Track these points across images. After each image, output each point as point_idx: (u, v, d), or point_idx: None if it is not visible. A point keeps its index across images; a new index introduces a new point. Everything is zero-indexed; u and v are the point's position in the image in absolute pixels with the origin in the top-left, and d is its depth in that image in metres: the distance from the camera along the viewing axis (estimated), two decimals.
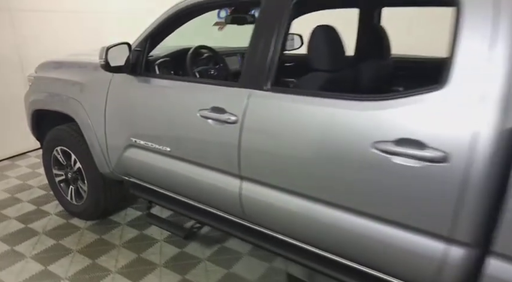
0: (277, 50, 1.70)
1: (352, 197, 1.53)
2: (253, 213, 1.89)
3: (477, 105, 1.24)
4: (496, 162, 1.22)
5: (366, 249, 1.55)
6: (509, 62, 1.22)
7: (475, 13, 1.26)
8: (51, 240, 2.71)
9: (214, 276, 2.35)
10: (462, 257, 1.34)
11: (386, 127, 1.40)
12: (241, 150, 1.79)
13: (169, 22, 2.12)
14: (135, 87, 2.21)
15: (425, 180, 1.34)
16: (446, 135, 1.28)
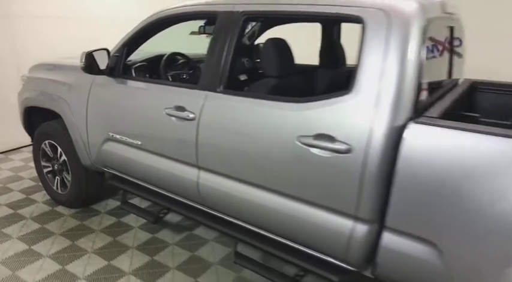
0: (229, 58, 2.00)
1: (283, 182, 1.82)
2: (207, 199, 2.18)
3: (374, 107, 1.54)
4: (387, 154, 1.52)
5: (293, 226, 1.84)
6: (398, 73, 1.52)
7: (373, 32, 1.57)
8: (36, 224, 2.99)
9: (180, 258, 2.63)
10: (365, 231, 1.63)
11: (308, 124, 1.69)
12: (198, 144, 2.08)
13: (144, 31, 2.43)
14: (113, 88, 2.51)
15: (335, 168, 1.63)
16: (350, 131, 1.58)
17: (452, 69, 2.25)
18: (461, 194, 1.36)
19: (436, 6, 1.83)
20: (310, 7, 1.78)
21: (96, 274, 2.44)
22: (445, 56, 2.13)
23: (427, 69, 1.63)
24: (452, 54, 2.22)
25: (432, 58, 1.82)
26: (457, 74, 2.56)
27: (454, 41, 2.23)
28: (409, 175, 1.47)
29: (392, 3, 1.59)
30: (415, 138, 1.46)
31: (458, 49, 2.49)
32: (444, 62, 2.13)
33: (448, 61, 2.21)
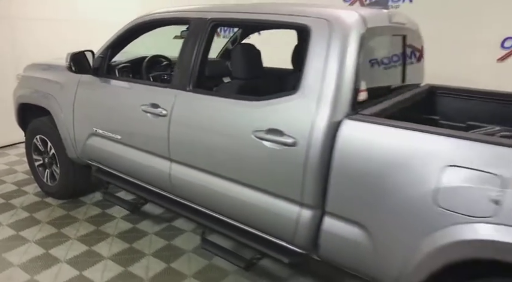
0: (198, 60, 2.21)
1: (241, 173, 2.02)
2: (178, 188, 2.38)
3: (316, 105, 1.74)
4: (326, 146, 1.71)
5: (250, 212, 2.04)
6: (337, 76, 1.72)
7: (317, 39, 1.77)
8: (25, 213, 3.20)
9: (156, 246, 2.82)
10: (309, 216, 1.82)
11: (261, 120, 1.90)
12: (170, 138, 2.29)
13: (127, 35, 2.65)
14: (97, 86, 2.73)
15: (283, 159, 1.83)
16: (296, 126, 1.78)
17: (405, 74, 2.45)
18: (384, 181, 1.55)
19: (381, 17, 2.03)
20: (265, 16, 1.99)
21: (77, 258, 2.64)
22: (396, 62, 2.33)
23: (367, 73, 1.83)
24: (405, 61, 2.42)
25: (377, 63, 2.02)
26: (415, 79, 2.77)
27: (407, 48, 2.42)
28: (343, 165, 1.67)
29: (335, 14, 1.79)
30: (348, 132, 1.66)
31: (415, 56, 2.69)
32: (395, 67, 2.32)
33: (401, 67, 2.41)
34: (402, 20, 2.28)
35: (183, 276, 2.49)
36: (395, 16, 2.17)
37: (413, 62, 2.67)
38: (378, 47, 2.09)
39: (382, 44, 2.12)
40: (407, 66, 2.48)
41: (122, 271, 2.52)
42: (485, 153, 1.37)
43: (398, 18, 2.21)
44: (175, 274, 2.51)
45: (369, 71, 1.89)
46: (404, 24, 2.34)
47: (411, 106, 2.44)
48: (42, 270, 2.50)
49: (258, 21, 2.07)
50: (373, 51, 2.01)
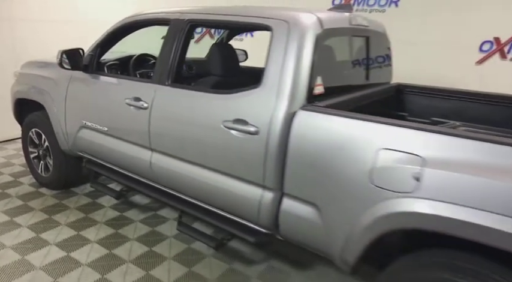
0: (176, 58, 2.42)
1: (212, 159, 2.22)
2: (158, 176, 2.58)
3: (275, 98, 1.94)
4: (283, 134, 1.91)
5: (220, 196, 2.24)
6: (294, 72, 1.91)
7: (277, 38, 1.97)
8: (20, 202, 3.41)
9: (140, 232, 3.02)
10: (270, 198, 2.02)
11: (229, 111, 2.10)
12: (150, 129, 2.49)
13: (114, 35, 2.87)
14: (86, 82, 2.94)
15: (248, 147, 2.02)
16: (258, 117, 1.98)
17: (369, 73, 2.64)
18: (331, 164, 1.75)
19: (341, 19, 2.23)
20: (234, 17, 2.20)
21: (65, 241, 2.84)
22: (360, 61, 2.53)
23: (325, 70, 2.03)
24: (368, 60, 2.62)
25: (336, 61, 2.22)
26: (383, 77, 2.97)
27: (373, 49, 2.62)
28: (297, 150, 1.87)
29: (294, 16, 1.99)
30: (301, 122, 1.86)
31: (382, 56, 2.90)
32: (358, 66, 2.52)
33: (365, 66, 2.61)
34: (364, 22, 2.49)
35: (163, 258, 2.69)
36: (357, 19, 2.37)
37: (380, 62, 2.87)
38: (337, 46, 2.28)
39: (342, 44, 2.32)
40: (373, 65, 2.68)
41: (107, 253, 2.72)
42: (410, 138, 1.56)
43: (359, 20, 2.41)
44: (156, 257, 2.71)
45: (327, 68, 2.09)
46: (367, 27, 2.54)
47: (379, 103, 2.64)
48: (33, 251, 2.71)
49: (228, 22, 2.28)
50: (332, 50, 2.21)
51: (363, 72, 2.61)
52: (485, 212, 1.36)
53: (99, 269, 2.54)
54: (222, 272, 2.58)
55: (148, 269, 2.56)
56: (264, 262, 2.72)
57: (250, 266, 2.66)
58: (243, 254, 2.79)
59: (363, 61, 2.61)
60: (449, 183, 1.44)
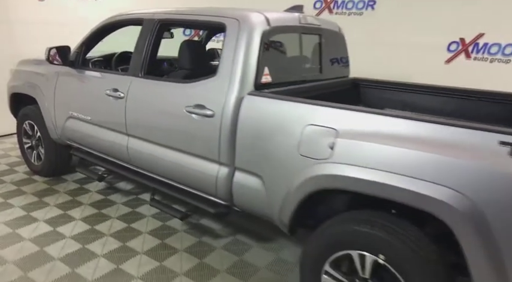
0: (148, 53, 2.74)
1: (177, 141, 2.54)
2: (133, 158, 2.90)
3: (228, 85, 2.26)
4: (234, 116, 2.23)
5: (185, 173, 2.55)
6: (243, 63, 2.23)
7: (230, 34, 2.30)
8: (14, 187, 3.74)
9: (121, 212, 3.33)
10: (225, 172, 2.33)
11: (190, 97, 2.42)
12: (126, 116, 2.81)
13: (97, 34, 3.20)
14: (73, 76, 3.26)
15: (205, 128, 2.34)
16: (214, 101, 2.30)
17: (322, 66, 2.96)
18: (270, 139, 2.06)
19: (289, 19, 2.56)
20: (195, 16, 2.54)
21: (53, 218, 3.16)
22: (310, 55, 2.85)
23: (273, 62, 2.36)
24: (321, 54, 2.94)
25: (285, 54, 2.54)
26: (340, 72, 3.29)
27: (324, 45, 2.94)
28: (244, 129, 2.18)
29: (245, 15, 2.32)
30: (247, 105, 2.18)
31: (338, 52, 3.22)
32: (306, 59, 2.84)
33: (318, 59, 2.93)
34: (316, 22, 2.81)
35: (139, 232, 3.01)
36: (306, 18, 2.70)
37: (335, 58, 3.19)
38: (288, 42, 2.60)
39: (292, 40, 2.63)
40: (327, 61, 3.00)
41: (89, 228, 3.04)
42: (328, 114, 1.88)
43: (309, 20, 2.73)
44: (133, 231, 3.02)
45: (275, 61, 2.41)
46: (319, 25, 2.86)
47: (336, 94, 2.95)
48: (23, 226, 3.03)
49: (190, 21, 2.62)
50: (280, 45, 2.53)
51: (316, 67, 2.93)
52: (383, 172, 1.68)
53: (80, 240, 2.85)
54: (191, 243, 2.89)
55: (124, 241, 2.88)
56: (230, 236, 3.03)
57: (217, 239, 2.97)
58: (212, 230, 3.10)
59: (316, 56, 2.93)
60: (355, 150, 1.75)
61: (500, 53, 4.70)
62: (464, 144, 1.53)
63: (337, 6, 6.27)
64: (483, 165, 1.47)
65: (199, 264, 2.65)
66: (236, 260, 2.72)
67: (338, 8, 6.27)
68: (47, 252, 2.70)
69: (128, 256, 2.69)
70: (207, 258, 2.72)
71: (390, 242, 1.70)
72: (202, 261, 2.69)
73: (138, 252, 2.74)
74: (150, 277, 2.49)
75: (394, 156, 1.66)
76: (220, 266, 2.64)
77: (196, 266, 2.63)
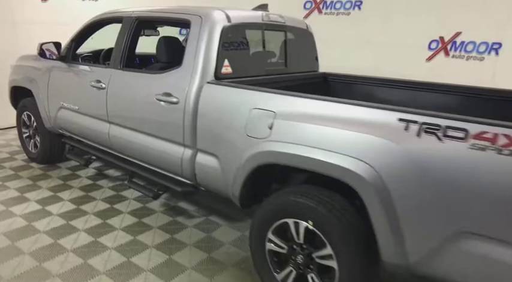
0: (127, 47, 3.03)
1: (148, 126, 2.81)
2: (114, 144, 3.19)
3: (190, 75, 2.53)
4: (195, 103, 2.49)
5: (156, 156, 2.83)
6: (204, 56, 2.50)
7: (193, 30, 2.57)
8: (12, 172, 4.07)
9: (106, 195, 3.63)
10: (189, 153, 2.60)
11: (160, 86, 2.69)
12: (107, 105, 3.10)
13: (84, 31, 3.51)
14: (63, 70, 3.58)
15: (172, 114, 2.61)
16: (178, 90, 2.57)
17: (288, 60, 3.21)
18: (224, 122, 2.32)
19: (251, 16, 2.82)
20: (165, 14, 2.83)
21: (43, 199, 3.47)
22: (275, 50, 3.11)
23: (232, 55, 2.61)
24: (286, 50, 3.19)
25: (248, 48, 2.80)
26: (309, 66, 3.53)
27: (289, 41, 3.19)
28: (203, 115, 2.45)
29: (208, 12, 2.58)
30: (206, 92, 2.44)
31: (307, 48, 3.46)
32: (270, 53, 3.09)
33: (284, 54, 3.18)
34: (279, 19, 3.06)
35: (120, 212, 3.29)
36: (269, 16, 2.95)
37: (302, 53, 3.43)
38: (251, 37, 2.86)
39: (256, 36, 2.88)
40: (293, 55, 3.25)
41: (75, 208, 3.34)
42: (268, 99, 2.13)
43: (273, 17, 2.98)
44: (115, 211, 3.31)
45: (236, 53, 2.67)
46: (284, 23, 3.11)
47: (305, 87, 3.17)
48: (16, 205, 3.34)
49: (160, 18, 2.91)
50: (241, 39, 2.79)
51: (281, 61, 3.18)
52: (308, 147, 1.92)
53: (66, 217, 3.15)
54: (165, 222, 3.16)
55: (105, 219, 3.17)
56: (202, 217, 3.29)
57: (190, 219, 3.24)
58: (187, 211, 3.37)
59: (282, 51, 3.18)
60: (287, 129, 2.00)
61: (475, 50, 4.88)
62: (372, 122, 1.77)
63: (326, 6, 6.51)
64: (385, 139, 1.70)
65: (170, 239, 2.92)
66: (204, 236, 2.98)
67: (327, 9, 6.51)
68: (35, 227, 3.00)
69: (106, 231, 2.98)
70: (178, 234, 2.99)
71: (318, 210, 1.94)
72: (173, 236, 2.95)
73: (116, 228, 3.03)
74: (124, 248, 2.76)
75: (316, 133, 1.90)
76: (188, 240, 2.91)
77: (167, 240, 2.90)
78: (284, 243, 2.15)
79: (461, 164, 1.53)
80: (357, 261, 1.87)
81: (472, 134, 1.51)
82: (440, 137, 1.58)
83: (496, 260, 1.49)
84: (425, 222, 1.63)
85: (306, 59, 3.48)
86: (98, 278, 2.43)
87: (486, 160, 1.47)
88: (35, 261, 2.56)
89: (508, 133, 1.45)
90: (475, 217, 1.53)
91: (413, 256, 1.68)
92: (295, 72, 3.30)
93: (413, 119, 1.65)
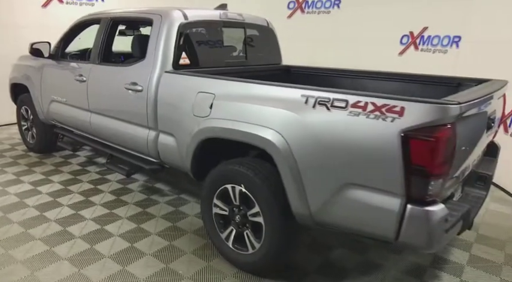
0: (104, 44, 3.45)
1: (120, 112, 3.22)
2: (95, 130, 3.61)
3: (152, 66, 2.92)
4: (156, 90, 2.88)
5: (127, 139, 3.23)
6: (163, 49, 2.89)
7: (154, 27, 2.96)
8: (11, 160, 4.54)
9: (93, 177, 4.05)
10: (153, 135, 2.99)
11: (128, 77, 3.09)
12: (88, 96, 3.53)
13: (71, 32, 3.95)
14: (53, 67, 4.02)
15: (138, 101, 3.00)
16: (142, 79, 2.96)
17: (248, 54, 3.59)
18: (178, 105, 2.71)
19: (210, 14, 3.20)
20: (132, 14, 3.24)
21: (36, 181, 3.91)
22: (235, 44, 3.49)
23: (190, 48, 3.00)
24: (245, 44, 3.56)
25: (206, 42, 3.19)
26: (271, 59, 3.90)
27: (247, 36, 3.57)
28: (161, 100, 2.84)
29: (167, 11, 2.97)
30: (164, 80, 2.84)
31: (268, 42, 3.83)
32: (229, 47, 3.47)
33: (244, 48, 3.56)
34: (238, 17, 3.44)
35: (102, 191, 3.71)
36: (227, 14, 3.33)
37: (265, 47, 3.81)
38: (206, 32, 3.24)
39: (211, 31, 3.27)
40: (254, 49, 3.62)
41: (62, 188, 3.77)
42: (210, 84, 2.51)
43: (231, 16, 3.36)
44: (97, 191, 3.72)
45: (193, 47, 3.06)
46: (243, 20, 3.49)
47: (266, 78, 3.54)
48: (11, 186, 3.79)
49: (128, 18, 3.32)
50: (199, 34, 3.17)
51: (242, 54, 3.56)
52: (236, 121, 2.29)
53: (53, 196, 3.59)
54: (141, 199, 3.56)
55: (87, 196, 3.59)
56: (175, 195, 3.68)
57: (163, 197, 3.64)
58: (161, 190, 3.77)
59: (242, 46, 3.56)
60: (222, 107, 2.38)
61: (439, 44, 5.17)
62: (284, 99, 2.13)
63: (308, 6, 6.87)
64: (292, 112, 2.06)
65: (141, 212, 3.32)
66: (173, 210, 3.37)
67: (309, 8, 6.88)
68: (26, 202, 3.44)
69: (86, 206, 3.39)
70: (149, 209, 3.38)
71: (248, 175, 2.30)
72: (145, 210, 3.35)
73: (95, 204, 3.44)
74: (100, 219, 3.17)
75: (245, 110, 2.27)
76: (158, 213, 3.30)
77: (138, 213, 3.30)
78: (226, 206, 2.52)
79: (342, 127, 1.88)
80: (277, 215, 2.22)
81: (351, 103, 1.87)
82: (328, 107, 1.94)
83: (369, 204, 1.84)
84: (320, 178, 1.98)
85: (268, 52, 3.85)
86: (73, 241, 2.84)
87: (359, 123, 1.83)
88: (22, 228, 2.98)
89: (374, 101, 1.80)
90: (353, 171, 1.88)
91: (313, 207, 2.04)
92: (256, 65, 3.67)
93: (311, 94, 2.01)
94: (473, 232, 3.15)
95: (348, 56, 6.13)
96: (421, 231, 1.73)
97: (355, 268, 2.62)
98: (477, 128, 2.09)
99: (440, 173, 1.70)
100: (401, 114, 1.73)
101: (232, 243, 2.53)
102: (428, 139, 1.65)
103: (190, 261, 2.63)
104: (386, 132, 1.74)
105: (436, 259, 2.75)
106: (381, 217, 1.82)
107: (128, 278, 2.44)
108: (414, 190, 1.72)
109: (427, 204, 1.72)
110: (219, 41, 3.34)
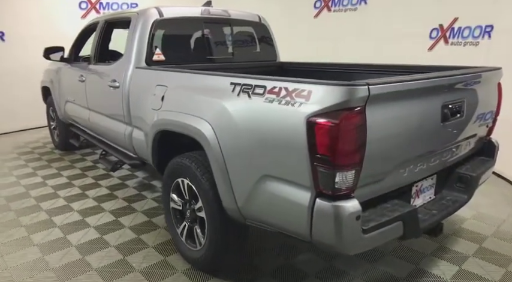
0: (99, 46, 3.63)
1: (106, 108, 3.34)
2: (92, 127, 3.79)
3: (127, 63, 2.99)
4: (129, 85, 2.95)
5: (110, 133, 3.34)
6: (137, 46, 2.95)
7: (132, 25, 3.04)
8: (37, 156, 4.97)
9: (98, 173, 4.26)
10: (129, 130, 3.05)
11: (110, 75, 3.20)
12: (87, 94, 3.73)
13: (80, 37, 4.22)
14: (67, 70, 4.32)
15: (116, 96, 3.09)
16: (119, 76, 3.05)
17: (235, 51, 3.53)
18: (142, 99, 2.74)
19: (190, 11, 3.21)
20: (115, 15, 3.35)
21: (47, 175, 4.22)
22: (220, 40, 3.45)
23: (165, 45, 3.03)
24: (232, 41, 3.50)
25: (184, 38, 3.19)
26: (267, 56, 3.81)
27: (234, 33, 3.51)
28: (133, 94, 2.89)
29: (143, 9, 3.04)
30: (134, 75, 2.89)
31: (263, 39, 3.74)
32: (212, 43, 3.43)
33: (231, 45, 3.50)
34: (223, 13, 3.40)
35: (100, 185, 3.88)
36: (209, 11, 3.31)
37: (257, 43, 3.72)
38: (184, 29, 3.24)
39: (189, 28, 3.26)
40: (241, 45, 3.56)
41: (66, 182, 4.02)
42: (165, 76, 2.50)
43: (214, 12, 3.33)
44: (96, 185, 3.90)
45: (169, 43, 3.08)
46: (229, 17, 3.44)
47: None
48: (25, 178, 4.12)
49: (116, 19, 3.44)
50: (176, 32, 3.18)
51: (227, 50, 3.51)
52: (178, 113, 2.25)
53: (55, 188, 3.83)
54: (131, 194, 3.66)
55: (84, 190, 3.77)
56: None
57: (153, 193, 3.70)
58: (154, 187, 3.84)
59: (227, 41, 3.52)
60: (170, 99, 2.35)
61: (470, 36, 4.65)
62: (217, 88, 2.04)
63: (334, 4, 6.63)
64: (221, 100, 1.96)
65: (126, 206, 3.40)
66: (155, 206, 3.40)
67: (335, 6, 6.63)
68: (30, 194, 3.71)
69: (78, 198, 3.58)
70: (135, 204, 3.46)
71: (191, 168, 2.24)
72: (130, 205, 3.44)
73: (88, 197, 3.60)
74: (86, 211, 3.31)
75: (187, 101, 2.22)
76: (140, 208, 3.36)
77: (123, 207, 3.39)
78: (180, 201, 2.48)
79: (258, 115, 1.74)
80: (216, 210, 2.12)
81: (268, 89, 1.73)
82: (250, 94, 1.81)
83: (284, 198, 1.68)
84: (242, 171, 1.86)
85: (260, 49, 3.76)
86: (51, 229, 2.99)
87: (272, 110, 1.68)
88: (14, 215, 3.22)
89: (287, 86, 1.65)
90: (269, 162, 1.73)
91: (239, 201, 1.91)
92: (243, 62, 3.60)
93: (238, 81, 1.90)
94: (474, 244, 2.75)
95: (375, 53, 5.78)
96: (329, 229, 1.53)
97: (315, 274, 2.41)
98: (422, 118, 1.81)
99: (346, 163, 1.49)
100: (308, 98, 1.56)
101: (185, 239, 2.47)
102: (330, 124, 1.46)
103: (147, 255, 2.63)
104: (293, 119, 1.58)
105: (415, 272, 2.43)
106: (294, 213, 1.65)
107: (83, 267, 2.49)
108: (321, 183, 1.53)
109: (337, 199, 1.52)
110: (199, 38, 3.33)
